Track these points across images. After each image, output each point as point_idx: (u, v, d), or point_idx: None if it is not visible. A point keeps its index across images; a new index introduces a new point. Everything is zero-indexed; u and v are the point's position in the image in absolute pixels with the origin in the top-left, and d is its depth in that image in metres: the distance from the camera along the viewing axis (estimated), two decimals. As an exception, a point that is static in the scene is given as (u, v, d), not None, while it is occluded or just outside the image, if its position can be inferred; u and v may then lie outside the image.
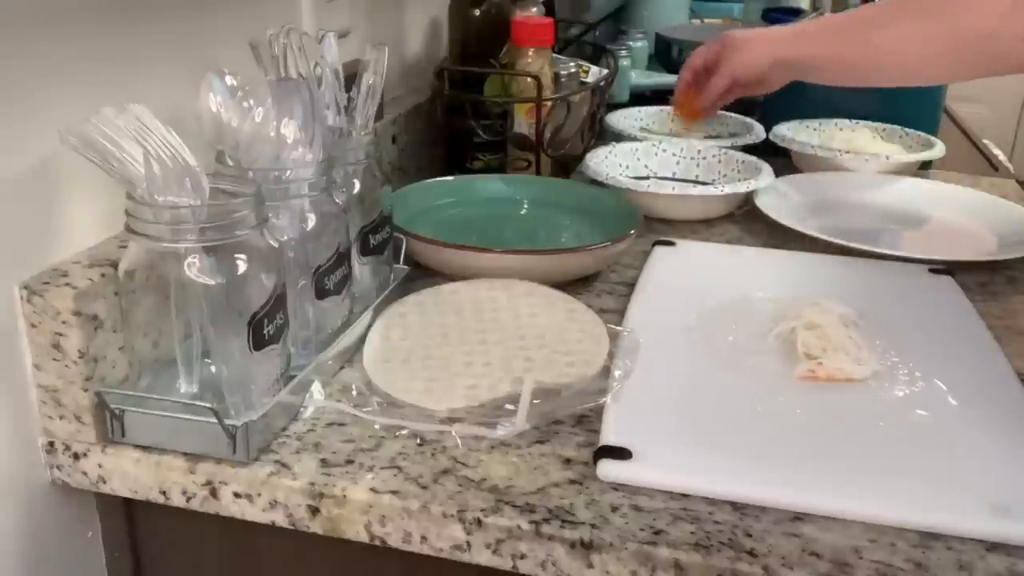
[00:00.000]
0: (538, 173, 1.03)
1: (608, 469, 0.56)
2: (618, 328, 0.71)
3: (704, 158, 1.10)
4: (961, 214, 1.04)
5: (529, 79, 0.98)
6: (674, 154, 1.11)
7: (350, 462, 0.57)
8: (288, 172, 0.61)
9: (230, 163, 0.61)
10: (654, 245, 0.90)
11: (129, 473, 0.58)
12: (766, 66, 0.99)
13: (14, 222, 0.55)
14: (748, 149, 1.13)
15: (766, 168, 1.04)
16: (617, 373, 0.65)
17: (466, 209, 0.94)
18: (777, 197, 1.01)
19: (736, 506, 0.54)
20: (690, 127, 1.20)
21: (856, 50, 0.91)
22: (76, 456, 0.59)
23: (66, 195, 0.59)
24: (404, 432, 0.60)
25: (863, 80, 0.95)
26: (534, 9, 1.09)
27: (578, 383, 0.64)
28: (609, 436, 0.59)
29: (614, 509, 0.53)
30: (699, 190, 1.00)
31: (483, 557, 0.53)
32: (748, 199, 1.01)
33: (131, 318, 0.58)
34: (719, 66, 1.04)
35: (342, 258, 0.66)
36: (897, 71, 0.91)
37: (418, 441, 0.59)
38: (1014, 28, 0.80)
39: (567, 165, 1.08)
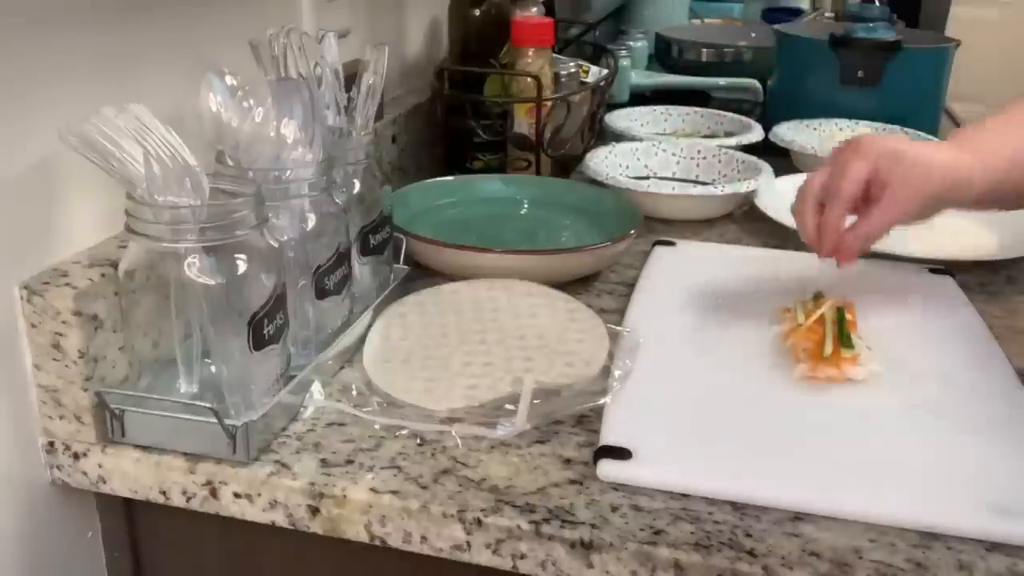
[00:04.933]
0: (538, 173, 1.03)
1: (608, 469, 0.56)
2: (618, 328, 0.71)
3: (704, 158, 1.10)
4: (961, 214, 1.03)
5: (529, 79, 0.98)
6: (674, 154, 1.11)
7: (350, 462, 0.57)
8: (288, 172, 0.61)
9: (230, 163, 0.61)
10: (654, 245, 0.90)
11: (129, 473, 0.58)
12: (958, 195, 0.72)
13: (14, 222, 0.55)
14: (748, 149, 1.13)
15: (766, 168, 1.04)
16: (617, 373, 0.65)
17: (466, 209, 0.94)
18: (777, 197, 1.01)
19: (736, 506, 0.54)
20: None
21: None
22: (76, 456, 0.59)
23: (66, 195, 0.59)
24: (404, 432, 0.60)
25: None
26: (534, 9, 1.09)
27: (578, 383, 0.64)
28: (609, 436, 0.59)
29: (614, 509, 0.53)
30: (699, 190, 1.00)
31: (483, 557, 0.53)
32: (748, 199, 1.00)
33: (131, 318, 0.58)
34: (873, 204, 0.70)
35: (342, 258, 0.66)
36: None
37: (418, 441, 0.59)
38: None
39: (567, 165, 1.08)
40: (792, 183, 1.07)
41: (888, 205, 0.69)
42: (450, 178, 0.97)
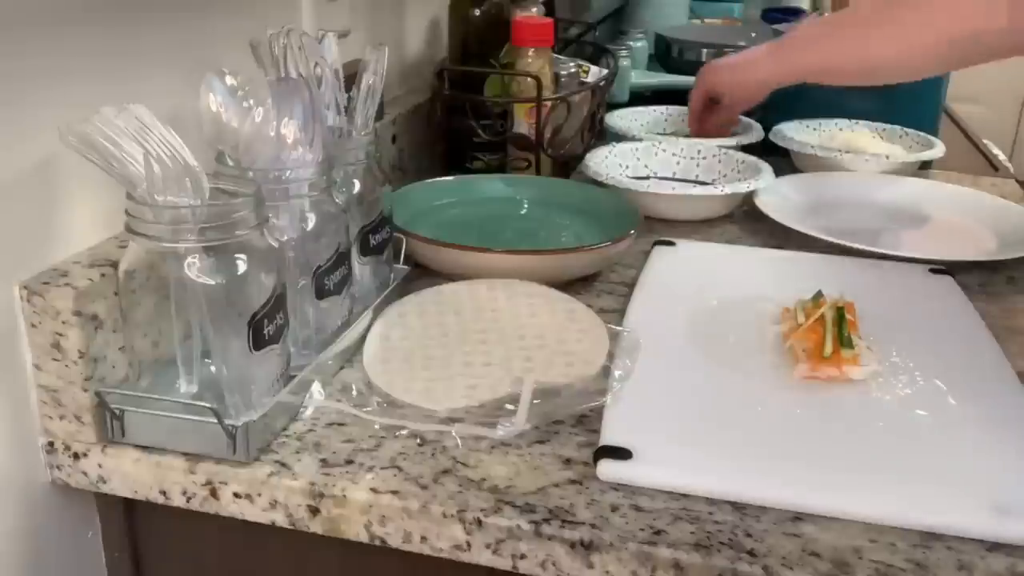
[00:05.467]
0: (538, 173, 1.03)
1: (608, 469, 0.56)
2: (618, 328, 0.71)
3: (704, 158, 1.10)
4: (961, 214, 1.04)
5: (529, 79, 0.98)
6: (674, 154, 1.11)
7: (350, 462, 0.57)
8: (288, 172, 0.61)
9: (230, 163, 0.61)
10: (654, 245, 0.90)
11: (129, 473, 0.58)
12: (763, 95, 1.08)
13: (14, 222, 0.55)
14: (748, 149, 1.13)
15: (766, 168, 1.04)
16: (617, 373, 0.65)
17: (466, 209, 0.94)
18: (777, 197, 1.01)
19: (736, 506, 0.54)
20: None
21: (842, 61, 0.96)
22: (76, 456, 0.59)
23: (66, 195, 0.59)
24: (404, 432, 0.60)
25: (854, 83, 1.04)
26: (534, 9, 1.09)
27: (578, 383, 0.64)
28: (609, 436, 0.59)
29: (614, 509, 0.53)
30: (699, 190, 1.00)
31: (483, 557, 0.53)
32: (748, 199, 1.00)
33: (131, 318, 0.58)
34: (720, 105, 1.11)
35: (342, 258, 0.66)
36: (886, 74, 0.97)
37: (418, 441, 0.59)
38: (998, 23, 0.81)
39: (567, 165, 1.08)
40: (792, 183, 1.07)
41: (725, 106, 1.11)
42: (450, 178, 0.97)
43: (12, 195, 0.55)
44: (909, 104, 1.26)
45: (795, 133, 1.22)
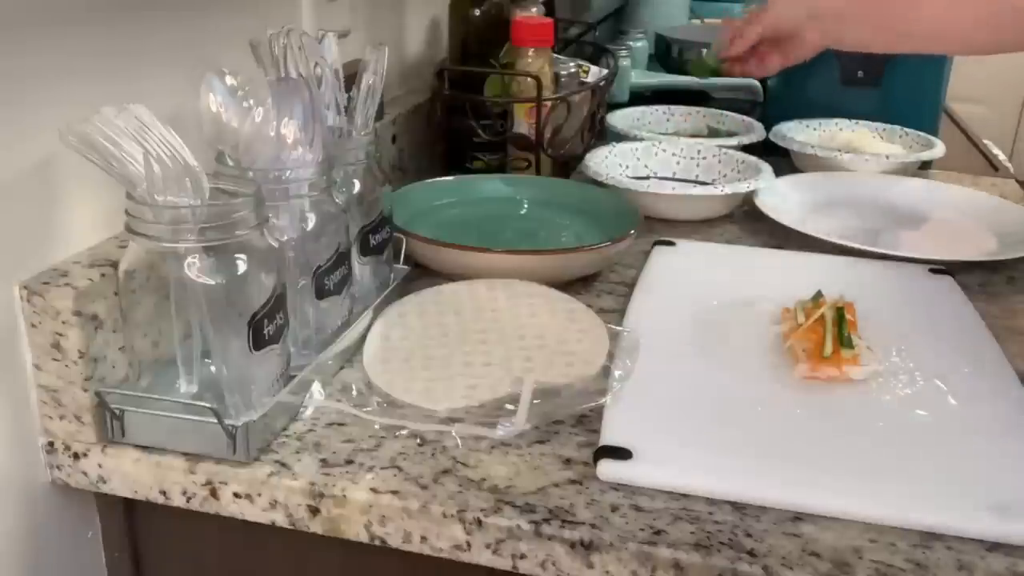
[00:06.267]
0: (538, 173, 1.03)
1: (608, 469, 0.56)
2: (618, 328, 0.71)
3: (704, 158, 1.10)
4: (961, 214, 1.04)
5: (529, 79, 0.98)
6: (674, 154, 1.11)
7: (350, 462, 0.57)
8: (288, 172, 0.61)
9: (230, 163, 0.61)
10: (654, 245, 0.90)
11: (129, 473, 0.58)
12: (802, 17, 0.95)
13: (14, 222, 0.55)
14: (748, 149, 1.13)
15: (766, 168, 1.04)
16: (617, 373, 0.65)
17: (466, 209, 0.94)
18: (777, 197, 1.01)
19: (736, 506, 0.54)
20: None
21: (893, 11, 0.89)
22: (76, 456, 0.59)
23: (66, 195, 0.59)
24: (404, 432, 0.60)
25: (896, 45, 0.94)
26: (534, 9, 1.09)
27: (578, 383, 0.64)
28: (609, 436, 0.59)
29: (614, 509, 0.53)
30: (699, 190, 1.00)
31: (483, 557, 0.53)
32: (748, 199, 1.01)
33: (131, 318, 0.58)
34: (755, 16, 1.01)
35: (342, 258, 0.66)
36: (932, 39, 0.90)
37: (418, 441, 0.59)
38: None
39: (567, 165, 1.08)
40: (792, 183, 1.07)
41: (755, 20, 0.98)
42: (450, 178, 0.97)
43: (12, 195, 0.55)
44: (909, 104, 1.26)
45: (795, 133, 1.22)
